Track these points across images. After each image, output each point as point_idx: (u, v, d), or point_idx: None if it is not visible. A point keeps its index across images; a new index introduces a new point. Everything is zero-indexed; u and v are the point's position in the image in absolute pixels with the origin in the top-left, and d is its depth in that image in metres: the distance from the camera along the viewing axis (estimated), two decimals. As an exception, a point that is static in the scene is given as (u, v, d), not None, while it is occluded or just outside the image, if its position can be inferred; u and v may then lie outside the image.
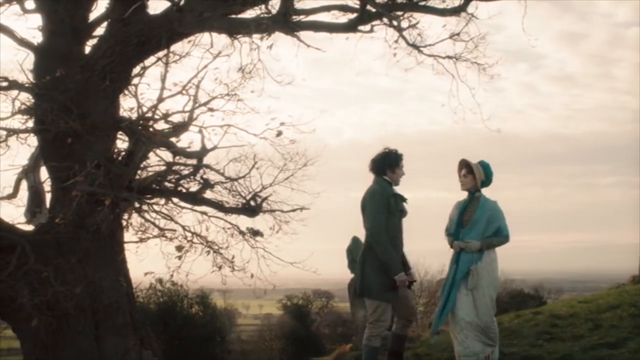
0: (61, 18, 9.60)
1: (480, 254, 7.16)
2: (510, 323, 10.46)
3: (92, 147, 8.95)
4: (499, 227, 7.23)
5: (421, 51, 9.78)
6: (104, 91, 9.27)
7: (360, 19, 9.23)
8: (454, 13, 9.33)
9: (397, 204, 7.29)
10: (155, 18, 9.37)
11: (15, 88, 9.55)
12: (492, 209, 7.29)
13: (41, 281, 8.38)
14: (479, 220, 7.22)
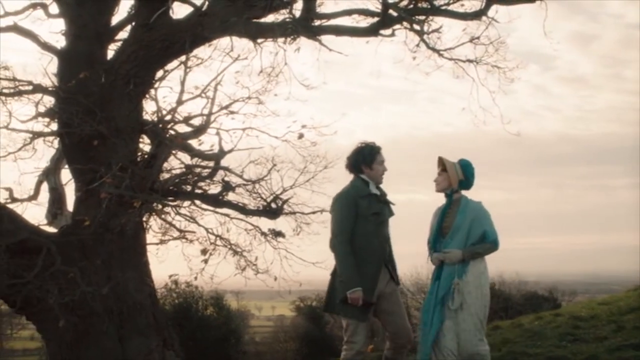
0: (84, 22, 9.71)
1: (464, 265, 6.28)
2: (531, 324, 10.55)
3: (116, 150, 9.05)
4: (484, 232, 6.36)
5: (441, 55, 9.86)
6: (128, 95, 9.38)
7: (382, 23, 9.32)
8: (475, 17, 9.40)
9: (371, 206, 6.52)
10: (179, 22, 9.49)
11: (40, 92, 9.70)
12: (475, 211, 6.44)
13: (68, 282, 8.48)
14: (460, 226, 6.37)
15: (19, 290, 8.41)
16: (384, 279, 6.60)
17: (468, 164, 6.54)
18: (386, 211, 6.70)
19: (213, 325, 25.19)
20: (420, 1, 9.39)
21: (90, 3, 9.74)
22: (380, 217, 6.56)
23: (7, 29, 9.95)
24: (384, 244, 6.62)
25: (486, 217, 6.45)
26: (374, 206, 6.54)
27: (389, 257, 6.73)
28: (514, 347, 9.02)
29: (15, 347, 40.38)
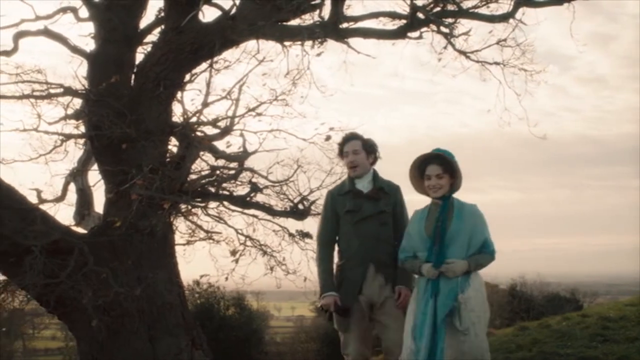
0: (113, 26, 9.82)
1: (466, 278, 5.45)
2: (558, 325, 10.56)
3: (146, 152, 9.15)
4: (484, 240, 5.57)
5: (468, 57, 9.90)
6: (158, 97, 9.49)
7: (409, 26, 9.36)
8: (503, 20, 9.42)
9: (346, 204, 6.11)
10: (208, 26, 9.58)
11: (70, 94, 9.84)
12: (474, 216, 5.62)
13: (101, 282, 8.59)
14: (458, 233, 5.51)
15: (52, 290, 8.53)
16: (374, 284, 6.02)
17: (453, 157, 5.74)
18: (367, 207, 6.05)
19: (235, 325, 25.29)
20: (448, 4, 9.43)
21: (119, 7, 9.85)
22: (356, 215, 6.03)
23: (38, 32, 10.09)
24: (368, 244, 6.01)
25: (485, 224, 5.65)
26: (349, 203, 6.08)
27: (380, 258, 6.06)
28: (544, 348, 9.07)
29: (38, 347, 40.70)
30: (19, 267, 8.34)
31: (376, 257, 6.02)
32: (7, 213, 8.54)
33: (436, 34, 9.72)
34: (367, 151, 6.25)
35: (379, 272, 6.01)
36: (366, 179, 6.20)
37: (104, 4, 9.94)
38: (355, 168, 6.17)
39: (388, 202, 6.12)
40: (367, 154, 6.25)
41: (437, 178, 5.63)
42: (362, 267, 5.99)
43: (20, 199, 9.08)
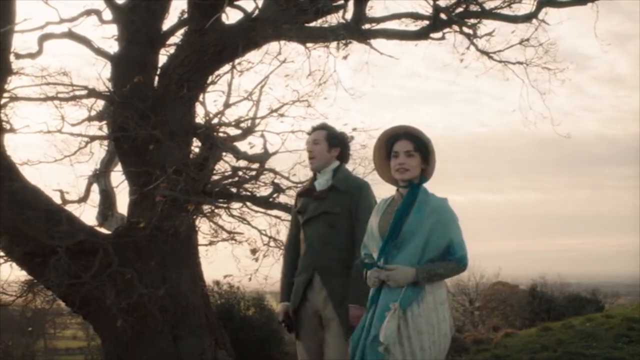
0: (137, 28, 9.88)
1: (415, 291, 4.19)
2: (582, 326, 10.53)
3: (171, 153, 9.21)
4: (449, 243, 4.30)
5: (491, 57, 9.91)
6: (181, 99, 9.55)
7: (432, 27, 9.38)
8: (526, 20, 9.43)
9: (298, 204, 5.54)
10: (231, 28, 9.63)
11: (95, 96, 9.91)
12: (438, 212, 4.35)
13: (125, 283, 8.65)
14: (414, 232, 4.29)
15: (77, 291, 8.61)
16: (319, 295, 5.28)
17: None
18: (311, 207, 5.37)
19: (255, 325, 25.26)
20: (470, 4, 9.44)
21: (142, 9, 9.92)
22: (303, 215, 5.41)
23: (62, 35, 10.18)
24: (313, 249, 5.33)
25: (453, 222, 4.37)
26: (299, 202, 5.53)
27: (327, 266, 5.28)
28: (569, 348, 9.05)
29: (59, 347, 40.92)
30: (45, 267, 8.42)
31: (322, 265, 5.24)
32: (34, 214, 8.61)
33: (458, 35, 9.74)
34: (329, 143, 5.48)
35: (324, 283, 5.23)
36: (326, 174, 5.45)
37: (127, 6, 10.02)
38: (311, 160, 5.50)
39: (338, 202, 5.26)
40: (330, 146, 5.47)
41: (406, 156, 4.44)
42: (306, 274, 5.30)
43: (46, 200, 9.16)
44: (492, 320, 26.77)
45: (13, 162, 9.16)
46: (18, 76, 9.77)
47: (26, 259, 8.81)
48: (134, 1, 9.88)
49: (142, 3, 9.83)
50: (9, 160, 9.03)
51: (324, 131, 5.58)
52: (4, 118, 9.19)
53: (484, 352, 8.81)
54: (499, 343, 10.00)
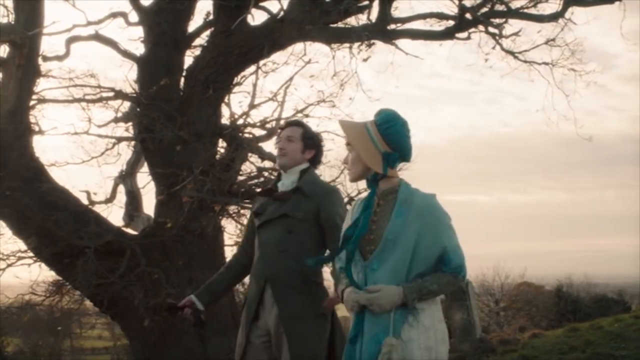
0: (163, 29, 9.95)
1: (404, 313, 3.39)
2: (611, 327, 10.45)
3: (197, 154, 9.26)
4: (443, 251, 3.45)
5: (517, 57, 9.88)
6: (207, 100, 9.60)
7: (457, 27, 9.37)
8: (552, 19, 9.40)
9: (256, 205, 4.90)
10: (257, 29, 9.68)
11: (121, 98, 10.00)
12: (425, 213, 3.47)
13: (153, 283, 8.71)
14: (396, 238, 3.43)
15: (105, 291, 8.68)
16: (270, 313, 4.56)
17: (390, 119, 3.57)
18: (269, 209, 4.68)
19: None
20: (496, 4, 9.42)
21: (168, 11, 9.98)
22: (260, 217, 4.73)
23: (89, 37, 10.28)
24: (267, 257, 4.61)
25: (445, 225, 3.52)
26: (258, 204, 4.86)
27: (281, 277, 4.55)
28: (597, 349, 8.99)
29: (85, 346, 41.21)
30: (73, 267, 8.51)
31: (275, 275, 4.55)
32: (62, 215, 8.70)
33: (484, 35, 9.73)
34: (305, 143, 4.81)
35: (277, 299, 4.50)
36: (292, 175, 4.77)
37: (153, 8, 10.09)
38: (283, 157, 4.77)
39: (301, 207, 4.58)
40: (305, 146, 4.81)
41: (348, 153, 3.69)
42: (257, 286, 4.60)
43: (75, 201, 9.26)
44: (517, 321, 26.62)
45: (42, 163, 9.27)
46: (46, 78, 9.90)
47: (55, 259, 8.91)
48: (160, 3, 9.95)
49: (167, 5, 9.90)
50: (37, 161, 9.13)
51: (299, 129, 4.91)
52: (32, 120, 9.29)
53: (511, 353, 8.78)
54: (526, 344, 9.95)
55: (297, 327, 4.40)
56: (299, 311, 4.44)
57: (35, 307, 11.03)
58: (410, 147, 3.62)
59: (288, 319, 4.42)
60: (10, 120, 8.65)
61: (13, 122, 8.66)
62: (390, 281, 3.41)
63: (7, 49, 8.76)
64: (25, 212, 8.55)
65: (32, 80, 9.15)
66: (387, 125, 3.56)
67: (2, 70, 8.79)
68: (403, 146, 3.58)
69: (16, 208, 8.54)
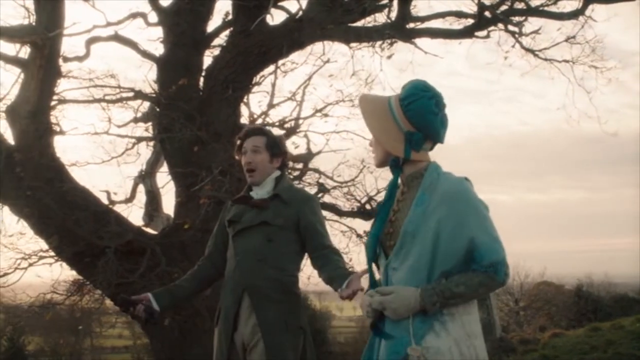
0: (182, 30, 9.99)
1: (427, 320, 2.83)
2: (633, 326, 10.38)
3: (216, 154, 9.28)
4: (470, 245, 2.83)
5: (537, 55, 9.83)
6: (226, 100, 9.62)
7: (477, 25, 9.35)
8: (573, 17, 9.36)
9: (229, 214, 4.53)
10: (276, 29, 9.69)
11: (141, 98, 10.06)
12: (448, 200, 2.89)
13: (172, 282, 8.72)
14: (416, 232, 2.89)
15: (125, 290, 8.71)
16: (247, 323, 4.29)
17: (416, 92, 3.02)
18: (247, 217, 4.41)
19: (299, 325, 25.34)
20: (516, 2, 9.38)
21: (187, 11, 10.01)
22: (236, 225, 4.44)
23: (108, 38, 10.34)
24: (244, 265, 4.32)
25: (474, 213, 2.89)
26: (232, 212, 4.52)
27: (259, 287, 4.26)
28: (619, 349, 8.92)
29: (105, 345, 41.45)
30: (94, 267, 8.56)
31: (253, 285, 4.27)
32: (83, 215, 8.75)
33: (503, 33, 9.70)
34: (271, 152, 4.51)
35: (255, 308, 4.25)
36: (266, 186, 4.48)
37: (172, 9, 10.13)
38: (252, 173, 4.46)
39: (281, 214, 4.37)
40: (272, 155, 4.51)
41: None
42: (234, 295, 4.32)
43: (95, 201, 9.31)
44: (537, 321, 26.51)
45: (62, 163, 9.32)
46: (66, 79, 9.97)
47: (76, 258, 8.96)
48: (179, 3, 9.99)
49: (186, 5, 9.93)
50: (58, 161, 9.18)
51: (263, 137, 4.53)
52: (53, 120, 9.35)
53: (532, 353, 8.74)
54: (547, 343, 9.90)
55: (275, 339, 4.16)
56: (278, 322, 4.20)
57: (56, 306, 11.09)
58: (440, 125, 3.04)
59: (267, 329, 4.16)
60: (32, 121, 8.71)
61: (34, 123, 8.72)
62: (409, 282, 2.88)
63: (28, 50, 8.82)
64: (47, 212, 8.60)
65: (53, 80, 9.20)
66: (411, 99, 3.01)
67: (23, 71, 8.85)
68: (429, 124, 3.00)
69: (37, 208, 8.59)
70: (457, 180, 2.99)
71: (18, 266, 9.71)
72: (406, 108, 3.00)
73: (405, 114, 3.00)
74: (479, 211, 2.91)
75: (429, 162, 3.08)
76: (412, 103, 2.99)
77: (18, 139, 8.71)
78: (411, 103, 2.99)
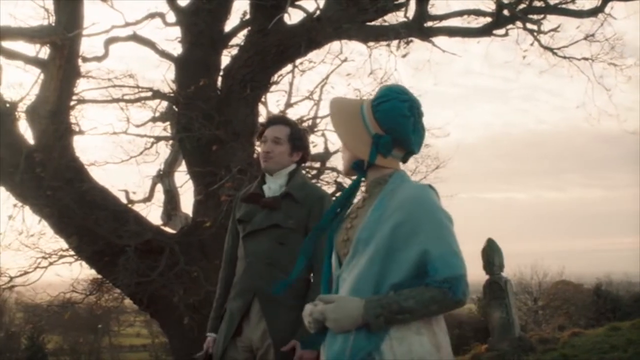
0: (200, 29, 10.02)
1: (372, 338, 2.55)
2: (651, 326, 10.35)
3: (235, 153, 9.30)
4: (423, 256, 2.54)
5: (555, 53, 9.80)
6: (245, 99, 9.64)
7: (495, 24, 9.32)
8: (592, 14, 9.31)
9: (240, 212, 4.31)
10: (293, 28, 9.70)
11: (160, 97, 10.10)
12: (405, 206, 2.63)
13: (192, 281, 8.76)
14: (369, 239, 2.65)
15: (145, 289, 8.75)
16: (256, 328, 4.08)
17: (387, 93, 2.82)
18: (258, 218, 4.18)
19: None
20: (534, 0, 9.35)
21: (205, 11, 10.04)
22: (246, 226, 4.21)
23: (127, 38, 10.39)
24: (254, 269, 4.12)
25: (431, 221, 2.61)
26: (241, 210, 4.30)
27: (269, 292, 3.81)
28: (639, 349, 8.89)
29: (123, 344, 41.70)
30: (113, 266, 8.60)
31: (263, 290, 4.05)
32: (102, 214, 8.79)
33: (521, 31, 9.67)
34: (293, 145, 4.31)
35: (265, 314, 4.05)
36: (280, 178, 4.29)
37: (190, 8, 10.16)
38: (267, 161, 4.27)
39: (293, 215, 4.16)
40: (293, 149, 4.31)
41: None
42: (242, 299, 4.12)
43: (114, 200, 9.35)
44: (556, 320, 26.38)
45: (82, 163, 9.37)
46: (85, 79, 10.02)
47: (95, 258, 9.00)
48: (197, 3, 10.02)
49: (204, 5, 9.95)
50: (78, 161, 9.23)
51: (286, 128, 4.34)
52: (72, 120, 9.41)
53: (551, 352, 8.70)
54: (567, 342, 9.86)
55: (285, 344, 3.92)
56: (289, 329, 3.94)
57: (75, 305, 11.17)
58: (411, 130, 2.77)
59: (277, 337, 3.94)
60: (52, 121, 8.76)
61: (54, 123, 8.77)
62: (354, 292, 2.62)
63: (48, 50, 8.88)
64: (66, 211, 8.65)
65: (72, 81, 9.25)
66: (382, 100, 2.80)
67: (43, 71, 8.90)
68: (398, 127, 2.75)
69: (57, 207, 8.64)
70: (419, 186, 2.76)
71: (38, 265, 9.81)
72: (375, 109, 2.79)
73: (374, 114, 2.78)
74: (437, 220, 2.61)
75: (396, 170, 2.84)
76: (382, 104, 2.78)
77: (38, 139, 8.76)
78: (381, 104, 2.79)
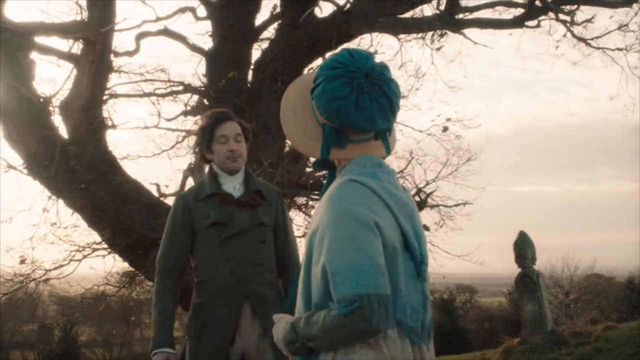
0: (230, 23, 10.05)
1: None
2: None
3: (266, 147, 9.33)
4: (324, 268, 2.13)
5: (588, 44, 9.70)
6: (275, 92, 9.66)
7: (527, 15, 9.24)
8: (626, 4, 9.18)
9: (209, 213, 4.01)
10: (324, 21, 9.69)
11: (191, 92, 10.15)
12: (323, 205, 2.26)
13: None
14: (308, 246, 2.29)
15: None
16: (252, 329, 3.94)
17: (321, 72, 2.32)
18: (240, 218, 3.99)
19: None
20: (567, -10, 9.26)
21: (236, 5, 10.07)
22: (226, 229, 3.97)
23: (158, 33, 10.45)
24: (242, 272, 3.93)
25: (335, 228, 2.15)
26: (216, 212, 4.00)
27: (260, 293, 3.93)
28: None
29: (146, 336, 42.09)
30: (146, 259, 8.65)
31: (254, 292, 3.93)
32: (135, 207, 8.85)
33: (554, 22, 9.58)
34: (246, 139, 4.24)
35: (259, 316, 3.91)
36: (238, 178, 4.14)
37: (221, 2, 10.20)
38: (237, 160, 4.09)
39: (267, 212, 4.08)
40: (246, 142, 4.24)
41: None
42: (233, 305, 3.90)
43: (147, 194, 9.41)
44: (587, 313, 26.19)
45: (114, 157, 9.44)
46: (117, 74, 10.09)
47: (128, 251, 9.06)
48: (227, -3, 10.04)
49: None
50: (111, 155, 9.30)
51: (237, 123, 4.20)
52: (105, 114, 9.49)
53: (584, 346, 8.62)
54: (600, 336, 9.77)
55: None
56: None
57: (109, 298, 11.27)
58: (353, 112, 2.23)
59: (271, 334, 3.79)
60: (85, 115, 8.84)
61: (87, 117, 8.84)
62: (297, 310, 2.34)
63: (80, 46, 8.95)
64: (100, 204, 8.72)
65: (105, 75, 9.32)
66: (314, 85, 2.33)
67: (76, 67, 8.98)
68: (336, 114, 2.26)
69: (91, 201, 8.72)
70: (339, 183, 2.28)
71: (72, 258, 9.92)
72: (312, 95, 2.34)
73: (320, 104, 2.30)
74: (338, 227, 2.14)
75: (352, 159, 2.35)
76: (315, 88, 2.31)
77: (72, 133, 8.84)
78: (315, 88, 2.32)
